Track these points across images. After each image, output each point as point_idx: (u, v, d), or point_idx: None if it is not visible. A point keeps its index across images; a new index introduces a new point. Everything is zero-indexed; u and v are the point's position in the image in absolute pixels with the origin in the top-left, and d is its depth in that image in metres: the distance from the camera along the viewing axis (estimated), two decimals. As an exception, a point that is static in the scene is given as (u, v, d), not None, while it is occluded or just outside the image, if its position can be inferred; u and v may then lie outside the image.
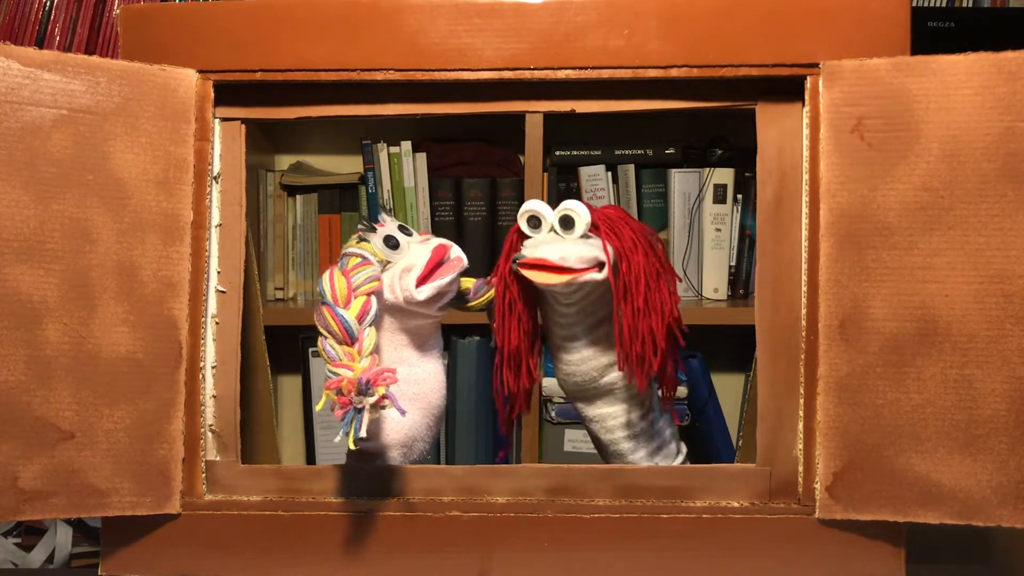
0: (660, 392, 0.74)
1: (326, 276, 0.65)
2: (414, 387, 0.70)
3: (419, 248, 0.69)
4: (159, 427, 0.67)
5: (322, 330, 0.64)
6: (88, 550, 0.98)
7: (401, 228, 0.70)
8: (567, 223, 0.66)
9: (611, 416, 0.74)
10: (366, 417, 0.59)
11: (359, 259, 0.67)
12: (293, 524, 0.68)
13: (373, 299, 0.65)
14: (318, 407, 0.63)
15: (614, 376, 0.71)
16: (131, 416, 0.66)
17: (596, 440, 0.76)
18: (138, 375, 0.66)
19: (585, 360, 0.72)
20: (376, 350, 0.65)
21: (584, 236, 0.67)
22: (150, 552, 0.68)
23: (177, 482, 0.68)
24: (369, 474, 0.68)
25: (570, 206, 0.66)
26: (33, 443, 0.63)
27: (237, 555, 0.68)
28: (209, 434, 0.70)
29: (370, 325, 0.65)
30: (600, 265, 0.65)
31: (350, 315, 0.64)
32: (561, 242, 0.66)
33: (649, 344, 0.67)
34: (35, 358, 0.63)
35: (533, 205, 0.68)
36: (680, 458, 0.76)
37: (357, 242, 0.69)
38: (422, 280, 0.66)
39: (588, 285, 0.66)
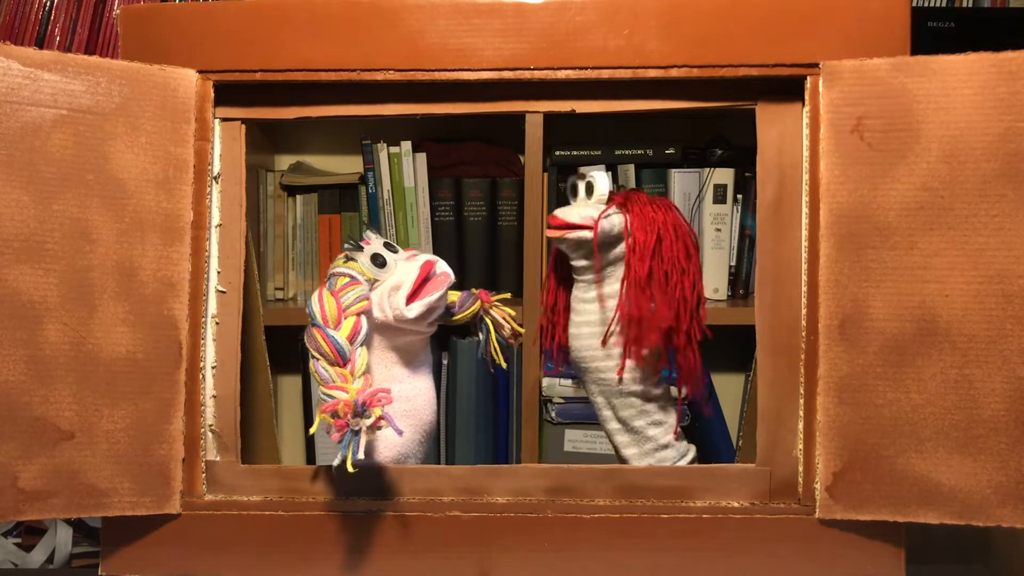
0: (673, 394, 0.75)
1: (315, 298, 0.66)
2: (405, 404, 0.70)
3: (406, 265, 0.69)
4: (159, 427, 0.67)
5: (314, 352, 0.64)
6: (88, 550, 0.98)
7: (387, 245, 0.70)
8: (589, 189, 0.73)
9: (598, 406, 0.75)
10: (363, 439, 0.60)
11: (347, 279, 0.67)
12: (293, 524, 0.68)
13: (363, 319, 0.65)
14: (312, 430, 0.63)
15: (603, 363, 0.72)
16: (131, 416, 0.66)
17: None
18: (138, 375, 0.66)
19: (580, 337, 0.72)
20: (368, 370, 0.65)
21: (604, 203, 0.72)
22: (150, 552, 0.68)
23: (177, 482, 0.68)
24: (369, 474, 0.68)
25: (592, 175, 0.73)
26: (33, 443, 0.63)
27: (237, 555, 0.68)
28: (209, 434, 0.70)
29: (361, 345, 0.65)
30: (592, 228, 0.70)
31: (341, 336, 0.64)
32: (579, 205, 0.73)
33: (644, 321, 0.70)
34: (35, 358, 0.63)
35: (584, 170, 0.75)
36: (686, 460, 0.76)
37: (344, 261, 0.69)
38: (411, 298, 0.67)
39: (585, 247, 0.71)
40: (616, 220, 0.71)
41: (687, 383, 0.72)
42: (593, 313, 0.72)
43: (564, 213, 0.71)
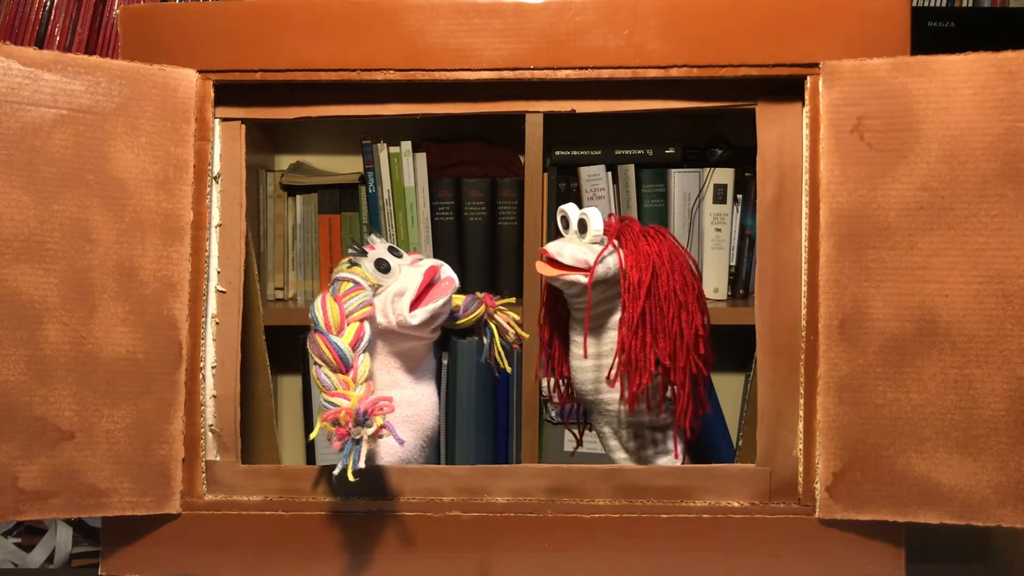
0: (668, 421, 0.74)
1: (318, 303, 0.65)
2: (407, 409, 0.70)
3: (410, 271, 0.69)
4: (159, 427, 0.67)
5: (316, 358, 0.64)
6: (88, 550, 0.98)
7: (391, 250, 0.70)
8: (582, 226, 0.69)
9: (604, 435, 0.75)
10: (364, 448, 0.59)
11: (351, 284, 0.66)
12: (293, 524, 0.68)
13: (366, 325, 0.65)
14: (312, 435, 0.63)
15: (607, 396, 0.72)
16: (131, 416, 0.66)
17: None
18: (138, 375, 0.66)
19: (582, 370, 0.72)
20: (370, 376, 0.65)
21: (598, 242, 0.68)
22: (150, 552, 0.68)
23: (177, 482, 0.68)
24: (369, 474, 0.68)
25: (585, 212, 0.69)
26: (33, 443, 0.63)
27: (237, 555, 0.68)
28: (209, 434, 0.70)
29: (364, 351, 0.64)
30: (588, 270, 0.67)
31: (344, 342, 0.63)
32: (569, 242, 0.69)
33: (640, 362, 0.68)
34: (35, 358, 0.63)
35: (565, 207, 0.71)
36: None
37: (348, 266, 0.68)
38: (415, 304, 0.66)
39: (577, 287, 0.68)
40: (612, 262, 0.68)
41: (683, 420, 0.71)
42: (593, 345, 0.72)
43: (557, 251, 0.68)
